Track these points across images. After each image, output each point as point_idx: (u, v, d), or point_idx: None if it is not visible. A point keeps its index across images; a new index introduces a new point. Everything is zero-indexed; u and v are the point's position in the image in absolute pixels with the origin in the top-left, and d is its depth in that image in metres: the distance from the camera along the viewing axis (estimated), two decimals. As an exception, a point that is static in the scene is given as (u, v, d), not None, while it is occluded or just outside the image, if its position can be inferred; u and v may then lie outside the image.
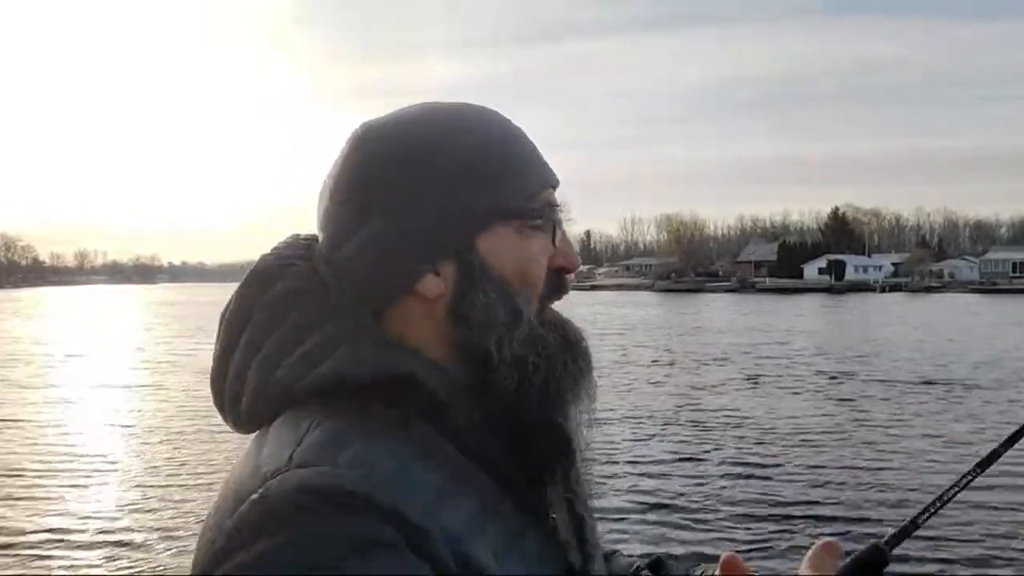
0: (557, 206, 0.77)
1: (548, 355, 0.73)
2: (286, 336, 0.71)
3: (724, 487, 8.01)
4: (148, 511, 7.29)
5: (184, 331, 31.10)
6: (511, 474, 0.71)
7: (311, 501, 0.59)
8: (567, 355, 0.75)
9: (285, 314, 0.72)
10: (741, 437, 10.38)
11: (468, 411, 0.70)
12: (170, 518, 7.04)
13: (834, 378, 16.04)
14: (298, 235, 0.80)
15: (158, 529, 6.78)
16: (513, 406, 0.72)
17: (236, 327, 0.74)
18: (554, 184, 0.78)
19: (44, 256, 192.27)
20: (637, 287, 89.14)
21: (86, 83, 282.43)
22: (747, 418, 11.75)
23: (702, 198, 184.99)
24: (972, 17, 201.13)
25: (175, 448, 9.85)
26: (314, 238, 0.78)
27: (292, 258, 0.77)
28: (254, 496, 0.61)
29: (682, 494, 7.73)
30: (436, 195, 0.72)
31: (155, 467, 8.97)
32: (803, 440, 10.16)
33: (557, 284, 0.77)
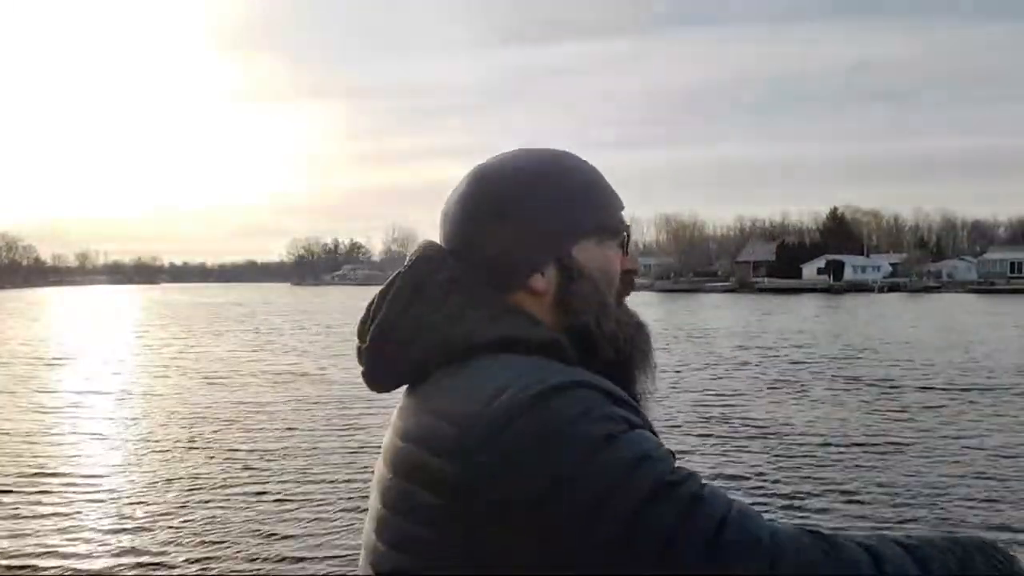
0: (628, 224, 1.03)
1: (630, 334, 0.98)
2: (455, 308, 0.93)
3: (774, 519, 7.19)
4: (130, 527, 7.08)
5: (182, 333, 30.94)
6: None
7: (567, 385, 0.81)
8: (640, 335, 1.00)
9: (450, 293, 0.94)
10: (788, 456, 9.26)
11: None
12: (157, 534, 6.78)
13: (874, 385, 14.99)
14: (424, 242, 1.03)
15: (141, 542, 6.64)
16: (608, 372, 0.91)
17: (403, 300, 0.96)
18: (623, 207, 1.03)
19: (45, 256, 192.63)
20: (636, 287, 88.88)
21: (88, 84, 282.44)
22: (789, 430, 10.77)
23: (701, 198, 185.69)
24: (972, 17, 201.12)
25: (161, 463, 9.35)
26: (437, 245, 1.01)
27: (442, 256, 0.99)
28: (511, 390, 0.81)
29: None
30: (543, 219, 0.96)
31: (140, 483, 8.52)
32: (853, 454, 9.27)
33: (628, 283, 1.03)
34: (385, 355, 0.95)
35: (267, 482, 8.20)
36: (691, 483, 0.79)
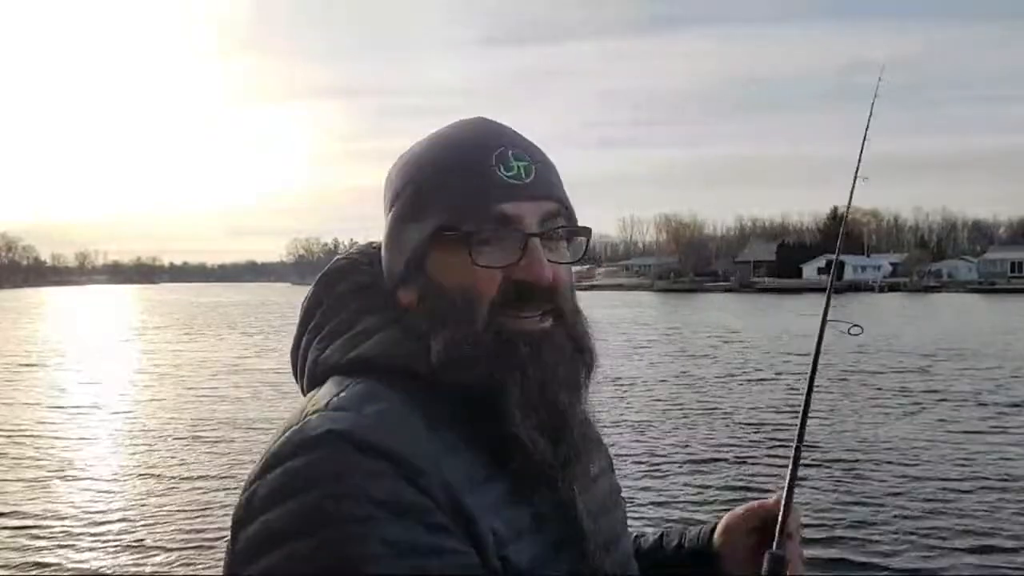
0: (514, 220, 0.82)
1: (485, 355, 0.80)
2: (343, 321, 0.87)
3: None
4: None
5: (181, 336, 30.49)
6: (491, 445, 0.80)
7: (335, 438, 0.73)
8: (508, 354, 0.81)
9: (347, 304, 0.88)
10: (913, 498, 7.62)
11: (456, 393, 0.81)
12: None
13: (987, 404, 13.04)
14: (370, 243, 0.95)
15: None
16: (466, 395, 0.80)
17: (309, 314, 0.91)
18: (517, 197, 0.83)
19: (45, 256, 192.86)
20: (636, 287, 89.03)
21: (89, 86, 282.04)
22: (901, 458, 9.13)
23: (701, 198, 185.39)
24: (971, 17, 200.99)
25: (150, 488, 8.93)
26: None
27: (359, 261, 0.92)
28: (295, 427, 0.76)
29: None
30: (401, 222, 0.85)
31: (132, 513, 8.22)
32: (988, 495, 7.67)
33: (515, 294, 0.82)
34: (296, 376, 0.92)
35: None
36: None
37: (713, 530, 1.07)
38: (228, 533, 0.75)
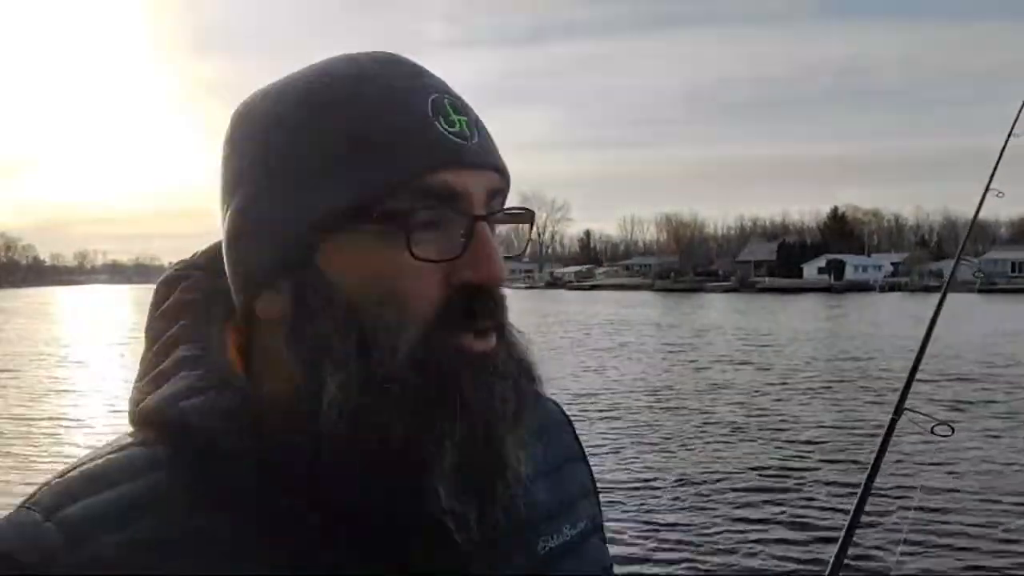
0: (460, 196, 0.57)
1: (405, 405, 0.54)
2: (154, 356, 0.63)
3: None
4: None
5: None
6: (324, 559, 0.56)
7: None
8: (443, 388, 0.55)
9: (167, 328, 0.63)
10: None
11: (294, 466, 0.55)
12: None
13: None
14: (197, 252, 0.70)
15: None
16: (340, 470, 0.55)
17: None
18: (461, 164, 0.57)
19: (44, 256, 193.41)
20: (637, 287, 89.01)
21: (89, 84, 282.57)
22: None
23: (702, 198, 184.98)
24: (971, 17, 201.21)
25: None
26: None
27: (192, 268, 0.67)
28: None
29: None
30: (272, 197, 0.58)
31: None
32: None
33: (466, 305, 0.57)
34: None
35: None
36: None
37: None
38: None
